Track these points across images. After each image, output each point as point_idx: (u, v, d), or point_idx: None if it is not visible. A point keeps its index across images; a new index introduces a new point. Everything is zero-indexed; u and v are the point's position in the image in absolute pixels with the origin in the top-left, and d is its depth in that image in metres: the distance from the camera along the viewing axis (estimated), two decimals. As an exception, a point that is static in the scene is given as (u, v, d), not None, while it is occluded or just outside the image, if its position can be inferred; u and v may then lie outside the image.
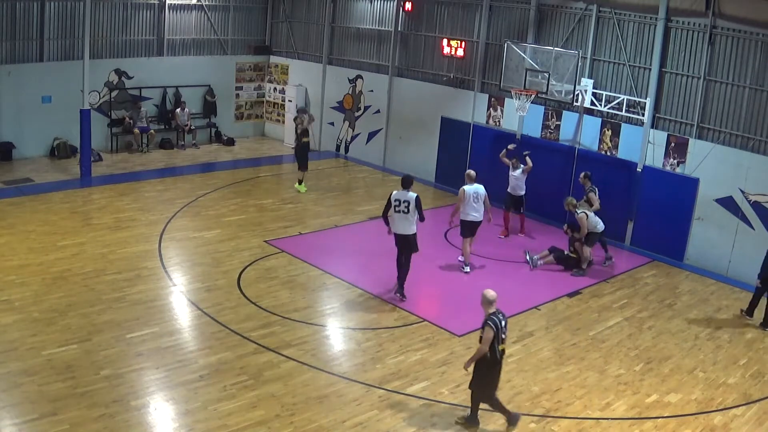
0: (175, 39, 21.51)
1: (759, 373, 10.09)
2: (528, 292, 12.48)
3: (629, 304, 12.27)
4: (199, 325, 10.29)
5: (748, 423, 8.76)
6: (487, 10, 17.70)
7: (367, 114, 21.18)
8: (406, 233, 11.34)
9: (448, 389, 9.00)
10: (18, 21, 18.12)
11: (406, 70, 20.04)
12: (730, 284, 13.58)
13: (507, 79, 16.07)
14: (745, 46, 13.50)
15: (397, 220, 11.31)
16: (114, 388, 8.33)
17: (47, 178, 17.15)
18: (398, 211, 11.24)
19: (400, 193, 11.28)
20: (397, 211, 11.25)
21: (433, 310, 11.75)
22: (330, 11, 21.71)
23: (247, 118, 23.90)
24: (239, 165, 19.99)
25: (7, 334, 9.43)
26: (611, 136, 15.57)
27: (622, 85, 15.39)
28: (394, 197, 11.27)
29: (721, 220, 14.00)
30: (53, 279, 11.37)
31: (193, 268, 12.39)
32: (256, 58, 23.57)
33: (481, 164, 18.14)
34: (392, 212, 11.30)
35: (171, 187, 17.22)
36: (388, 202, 11.40)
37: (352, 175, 20.04)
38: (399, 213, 11.25)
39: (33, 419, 7.63)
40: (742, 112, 13.71)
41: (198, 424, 7.82)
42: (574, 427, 8.39)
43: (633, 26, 15.14)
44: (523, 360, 9.95)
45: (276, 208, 16.25)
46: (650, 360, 10.22)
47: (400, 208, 11.21)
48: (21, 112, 18.47)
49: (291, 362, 9.38)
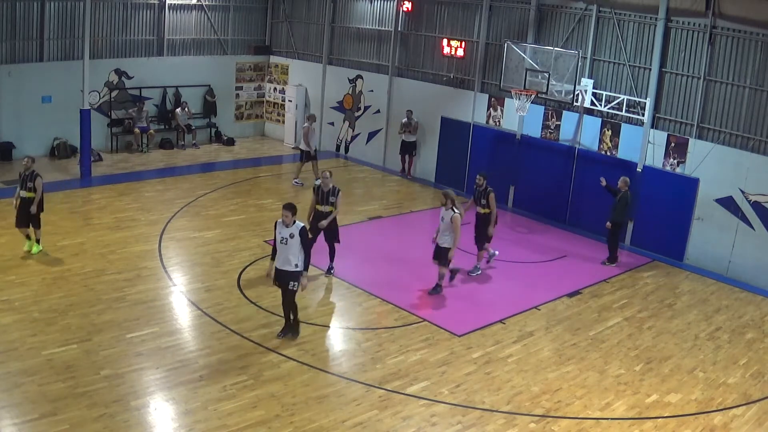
0: (175, 39, 21.50)
1: (759, 373, 10.09)
2: (528, 292, 12.48)
3: (629, 304, 12.27)
4: (199, 325, 10.29)
5: (748, 423, 8.76)
6: (487, 10, 17.70)
7: (367, 114, 21.17)
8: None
9: (448, 389, 9.00)
10: (18, 21, 18.11)
11: (406, 70, 20.03)
12: (730, 284, 13.58)
13: (507, 79, 16.08)
14: (745, 46, 13.50)
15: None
16: (114, 388, 8.33)
17: (47, 178, 16.90)
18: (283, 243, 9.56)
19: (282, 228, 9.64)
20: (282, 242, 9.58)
21: (433, 310, 11.73)
22: (330, 11, 21.71)
23: (247, 118, 23.90)
24: (239, 165, 19.99)
25: (7, 334, 9.42)
26: (611, 136, 15.57)
27: (622, 85, 15.39)
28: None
29: (721, 220, 14.00)
30: (53, 279, 11.36)
31: (193, 268, 12.39)
32: (256, 58, 23.57)
33: (481, 164, 18.22)
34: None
35: (171, 187, 17.21)
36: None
37: (352, 175, 20.03)
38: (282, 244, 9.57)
39: (33, 419, 7.63)
40: (742, 112, 13.71)
41: (198, 424, 7.82)
42: (574, 427, 8.39)
43: (633, 26, 15.14)
44: (523, 360, 9.95)
45: (276, 208, 16.20)
46: (650, 360, 10.22)
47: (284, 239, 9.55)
48: (21, 112, 18.47)
49: (291, 362, 9.37)
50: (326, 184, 12.15)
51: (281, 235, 9.51)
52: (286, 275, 9.63)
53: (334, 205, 12.12)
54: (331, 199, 12.12)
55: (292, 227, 9.46)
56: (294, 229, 9.45)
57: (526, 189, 17.34)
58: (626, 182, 13.82)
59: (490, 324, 10.98)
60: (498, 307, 11.69)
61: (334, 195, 12.09)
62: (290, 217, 9.43)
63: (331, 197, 12.13)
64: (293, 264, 9.54)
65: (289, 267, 9.56)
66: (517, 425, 8.32)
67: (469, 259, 13.16)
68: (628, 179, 13.89)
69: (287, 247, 9.48)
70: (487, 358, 9.89)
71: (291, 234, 9.44)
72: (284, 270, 9.60)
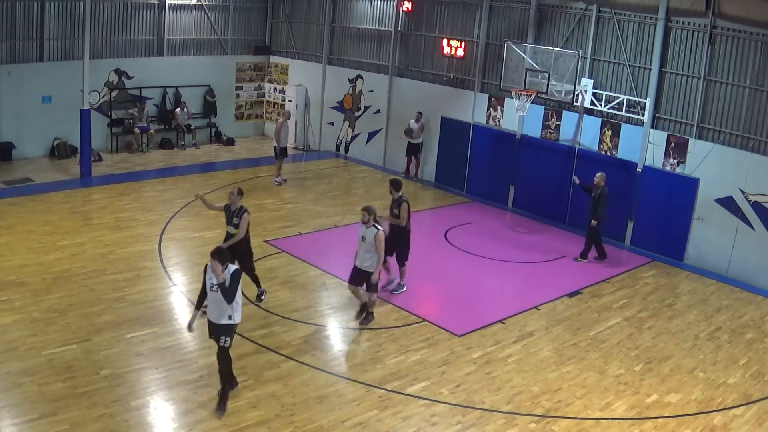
0: (175, 39, 21.51)
1: (759, 373, 10.09)
2: (528, 292, 12.48)
3: (629, 304, 12.26)
4: (199, 325, 10.22)
5: (748, 423, 8.76)
6: (487, 10, 17.70)
7: (367, 114, 21.18)
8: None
9: (448, 389, 9.00)
10: (18, 21, 18.11)
11: (406, 70, 20.03)
12: (730, 284, 13.58)
13: (507, 79, 16.08)
14: (745, 46, 13.50)
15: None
16: (114, 388, 8.33)
17: (47, 178, 17.15)
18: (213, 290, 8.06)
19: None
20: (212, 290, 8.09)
21: (433, 310, 11.74)
22: (330, 11, 21.71)
23: (247, 118, 23.91)
24: (239, 165, 19.99)
25: (7, 334, 9.42)
26: (611, 136, 15.57)
27: (622, 85, 15.39)
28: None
29: (721, 220, 14.00)
30: (53, 279, 11.36)
31: (193, 268, 12.38)
32: (256, 58, 23.58)
33: (481, 164, 18.23)
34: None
35: (171, 187, 17.21)
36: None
37: (352, 175, 20.03)
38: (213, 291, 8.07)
39: (33, 419, 7.63)
40: (742, 112, 13.71)
41: (198, 424, 7.82)
42: (574, 427, 8.39)
43: (633, 26, 15.14)
44: (523, 360, 9.95)
45: (276, 208, 16.25)
46: (650, 360, 10.22)
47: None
48: (21, 112, 18.47)
49: (291, 362, 9.37)
50: (233, 202, 10.58)
51: (211, 282, 7.90)
52: (218, 329, 8.07)
53: (237, 227, 10.45)
54: (234, 220, 10.47)
55: (223, 273, 7.79)
56: (226, 275, 7.78)
57: (526, 189, 17.34)
58: (603, 177, 13.81)
59: (490, 324, 10.98)
60: (498, 307, 11.69)
61: (238, 216, 10.43)
62: (220, 267, 7.72)
63: (235, 218, 10.48)
64: (227, 316, 7.99)
65: (223, 320, 8.00)
66: (517, 425, 8.32)
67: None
68: (604, 174, 13.87)
69: (218, 295, 7.86)
70: (487, 358, 9.89)
71: (223, 281, 7.77)
72: (218, 324, 8.04)
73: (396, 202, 11.62)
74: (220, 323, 8.03)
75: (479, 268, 13.48)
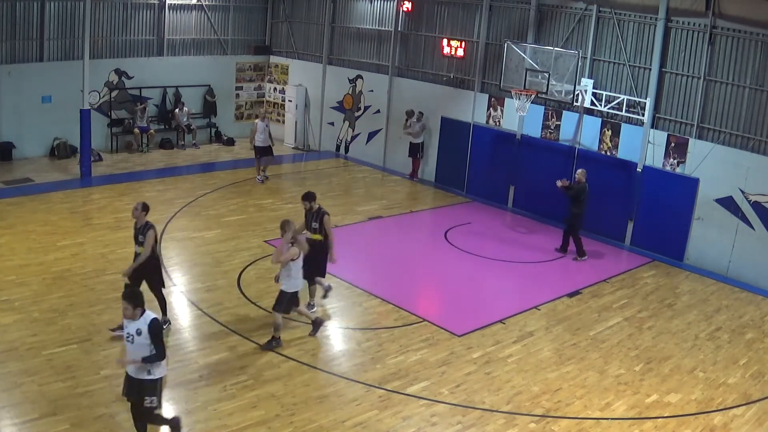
0: (175, 39, 21.50)
1: (759, 373, 10.09)
2: (528, 292, 12.48)
3: (629, 304, 12.26)
4: (199, 325, 10.29)
5: (748, 423, 8.76)
6: (487, 10, 17.70)
7: (367, 114, 21.17)
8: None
9: (448, 389, 9.00)
10: (18, 21, 18.11)
11: (406, 70, 20.03)
12: (730, 284, 13.58)
13: (507, 79, 16.07)
14: (745, 46, 13.50)
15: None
16: (114, 388, 8.30)
17: (47, 178, 17.14)
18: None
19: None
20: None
21: (433, 310, 11.75)
22: (330, 11, 21.70)
23: (247, 118, 23.88)
24: (239, 165, 19.99)
25: (7, 334, 9.42)
26: (611, 136, 15.57)
27: (622, 85, 15.38)
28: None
29: (721, 220, 14.00)
30: (53, 279, 11.36)
31: (193, 268, 12.39)
32: (256, 58, 23.57)
33: (481, 164, 18.24)
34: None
35: (171, 187, 17.21)
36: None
37: (352, 175, 20.03)
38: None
39: (33, 419, 7.63)
40: (742, 112, 13.71)
41: (198, 424, 7.82)
42: (574, 427, 8.39)
43: (633, 26, 15.14)
44: (523, 360, 9.95)
45: (276, 208, 16.24)
46: (650, 360, 10.22)
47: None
48: (21, 112, 18.46)
49: (291, 362, 9.37)
50: (138, 218, 9.55)
51: (126, 331, 6.81)
52: (140, 387, 6.84)
53: (143, 245, 9.52)
54: (140, 238, 9.55)
55: (138, 321, 6.70)
56: (141, 323, 6.68)
57: (526, 189, 17.34)
58: (584, 174, 14.01)
59: (490, 324, 10.98)
60: (498, 307, 11.69)
61: (143, 234, 9.50)
62: (131, 310, 6.67)
63: (140, 236, 9.54)
64: (146, 370, 6.78)
65: (142, 374, 6.79)
66: (517, 425, 8.32)
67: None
68: (585, 171, 14.10)
69: (135, 346, 6.74)
70: (487, 358, 9.89)
71: (138, 330, 6.69)
72: (137, 379, 6.83)
73: (314, 216, 10.62)
74: (142, 379, 6.80)
75: (479, 268, 13.48)
